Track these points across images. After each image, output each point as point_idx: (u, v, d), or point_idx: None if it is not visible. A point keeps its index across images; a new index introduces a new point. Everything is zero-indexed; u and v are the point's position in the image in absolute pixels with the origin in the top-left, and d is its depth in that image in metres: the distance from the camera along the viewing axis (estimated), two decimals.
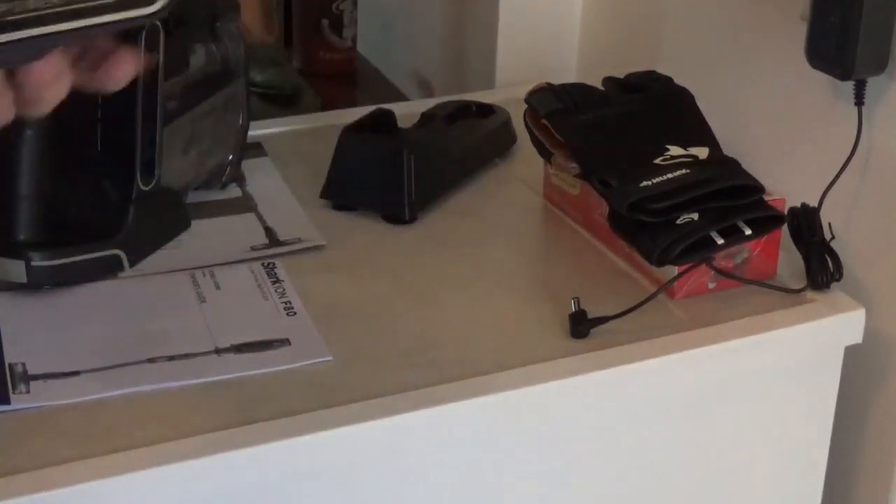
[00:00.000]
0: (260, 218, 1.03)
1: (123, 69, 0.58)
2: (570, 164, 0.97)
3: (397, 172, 1.02)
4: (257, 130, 1.14)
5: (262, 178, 1.09)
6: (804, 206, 0.96)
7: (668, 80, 1.03)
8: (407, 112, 1.13)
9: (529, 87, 1.04)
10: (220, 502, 0.76)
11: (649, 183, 0.90)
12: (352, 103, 1.40)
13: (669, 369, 0.86)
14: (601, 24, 1.35)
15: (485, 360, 0.84)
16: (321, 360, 0.83)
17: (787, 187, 0.98)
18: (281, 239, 0.99)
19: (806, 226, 0.95)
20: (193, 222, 0.98)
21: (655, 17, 1.24)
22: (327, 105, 1.49)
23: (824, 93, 1.00)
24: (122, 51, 0.58)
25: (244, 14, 1.08)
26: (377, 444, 0.79)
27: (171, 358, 0.83)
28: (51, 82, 0.57)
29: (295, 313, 0.88)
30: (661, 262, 0.89)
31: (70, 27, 0.55)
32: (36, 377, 0.80)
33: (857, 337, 0.93)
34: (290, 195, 1.07)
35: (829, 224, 0.95)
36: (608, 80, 1.04)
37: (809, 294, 0.93)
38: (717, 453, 0.93)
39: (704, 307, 0.91)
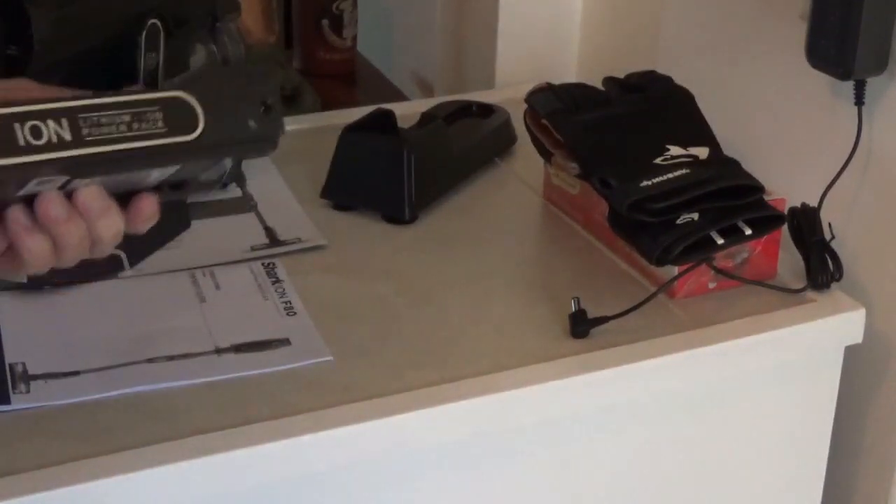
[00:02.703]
0: (260, 218, 1.03)
1: (146, 207, 0.68)
2: (570, 164, 0.97)
3: (397, 172, 1.02)
4: None
5: (262, 178, 1.09)
6: (804, 206, 0.96)
7: (668, 80, 1.03)
8: (407, 112, 1.13)
9: (529, 87, 1.04)
10: (220, 502, 0.76)
11: (649, 183, 0.90)
12: (352, 103, 1.40)
13: (669, 369, 0.86)
14: (601, 24, 1.35)
15: (485, 360, 0.84)
16: (321, 360, 0.83)
17: (787, 187, 0.98)
18: (281, 239, 0.99)
19: (806, 226, 0.95)
20: (193, 222, 0.98)
21: (655, 17, 1.24)
22: (327, 105, 1.48)
23: (824, 93, 1.00)
24: (144, 195, 0.68)
25: (244, 14, 1.07)
26: (377, 444, 0.79)
27: (171, 358, 0.83)
28: (100, 212, 0.66)
29: (295, 313, 0.88)
30: (661, 262, 0.89)
31: (131, 147, 0.65)
32: (36, 377, 0.80)
33: (857, 337, 0.93)
34: (290, 195, 1.07)
35: (829, 224, 0.95)
36: (608, 80, 1.04)
37: (809, 294, 0.93)
38: (718, 453, 0.93)
39: (704, 307, 0.91)
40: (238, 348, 0.84)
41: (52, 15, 0.81)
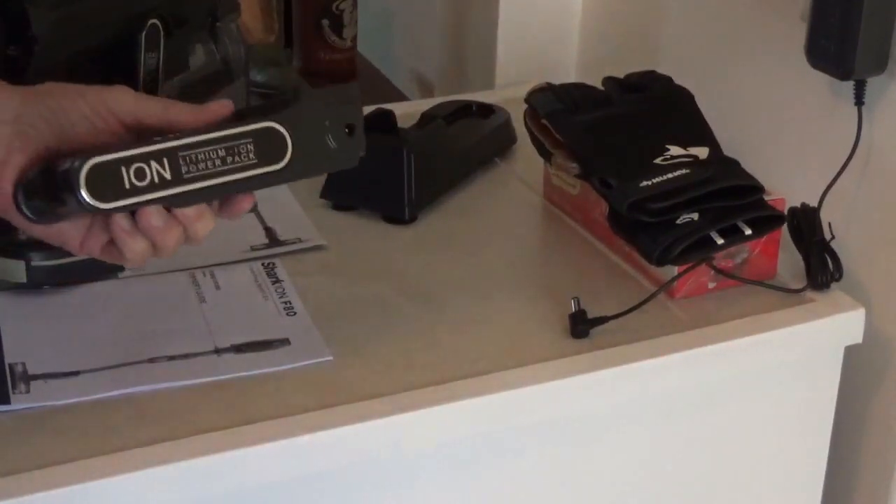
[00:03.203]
0: (260, 218, 1.03)
1: (243, 206, 0.74)
2: (570, 164, 0.97)
3: (397, 172, 1.02)
4: None
5: None
6: (804, 206, 0.96)
7: (668, 80, 1.04)
8: (407, 112, 1.13)
9: (529, 87, 1.04)
10: (220, 502, 0.76)
11: (649, 183, 0.90)
12: None
13: (669, 369, 0.86)
14: (601, 24, 1.35)
15: (485, 360, 0.84)
16: (321, 360, 0.83)
17: (787, 187, 0.98)
18: (281, 239, 0.99)
19: (806, 226, 0.95)
20: None
21: (655, 17, 1.24)
22: None
23: (824, 93, 1.00)
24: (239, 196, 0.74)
25: (244, 14, 1.07)
26: (377, 444, 0.79)
27: (171, 358, 0.83)
28: (196, 217, 0.71)
29: (295, 313, 0.88)
30: (661, 262, 0.89)
31: (226, 181, 0.71)
32: (36, 377, 0.80)
33: (857, 337, 0.93)
34: (290, 195, 1.07)
35: (829, 224, 0.95)
36: (608, 80, 1.04)
37: (809, 294, 0.93)
38: (717, 453, 0.93)
39: (704, 307, 0.91)
40: (238, 348, 0.84)
41: (52, 15, 0.81)
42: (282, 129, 0.73)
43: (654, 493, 0.92)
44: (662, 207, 0.89)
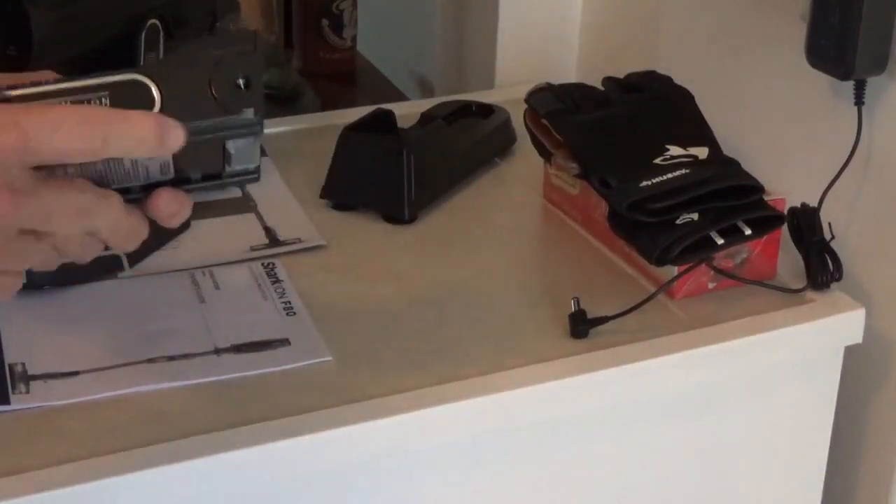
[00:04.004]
0: (260, 218, 1.03)
1: (163, 203, 0.67)
2: (570, 164, 0.97)
3: (397, 172, 1.02)
4: None
5: (262, 178, 1.08)
6: (804, 206, 0.96)
7: (668, 80, 1.03)
8: (407, 112, 1.13)
9: (529, 87, 1.03)
10: (220, 502, 0.76)
11: (649, 183, 0.90)
12: (352, 103, 1.40)
13: (669, 369, 0.86)
14: (601, 24, 1.35)
15: (485, 360, 0.84)
16: (321, 360, 0.83)
17: (787, 187, 0.98)
18: (281, 239, 0.99)
19: (806, 226, 0.95)
20: (193, 222, 0.98)
21: (655, 17, 1.24)
22: (327, 105, 1.49)
23: (824, 93, 1.00)
24: (161, 190, 0.67)
25: (244, 14, 1.07)
26: (377, 444, 0.79)
27: (171, 358, 0.83)
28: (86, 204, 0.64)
29: (295, 313, 0.88)
30: (660, 262, 0.89)
31: None
32: (36, 377, 0.80)
33: (857, 337, 0.93)
34: (290, 195, 1.07)
35: (829, 224, 0.95)
36: (608, 80, 1.04)
37: (809, 294, 0.93)
38: (717, 453, 0.93)
39: (704, 307, 0.91)
40: (238, 348, 0.84)
41: (52, 15, 0.81)
42: (146, 81, 0.63)
43: (653, 494, 0.92)
44: (662, 207, 0.88)
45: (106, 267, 0.90)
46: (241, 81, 0.64)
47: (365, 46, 1.70)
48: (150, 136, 0.61)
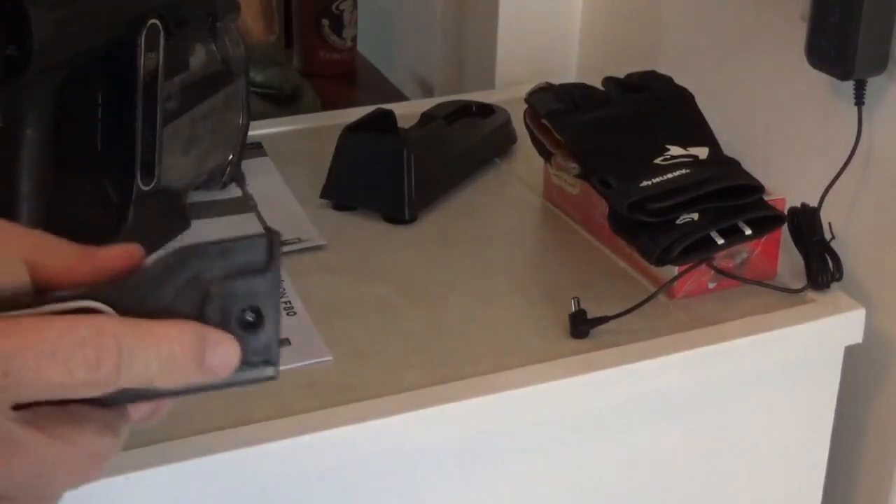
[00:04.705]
0: (260, 218, 1.03)
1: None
2: (570, 164, 0.97)
3: (397, 172, 1.02)
4: (257, 130, 1.14)
5: (262, 178, 1.09)
6: (804, 206, 0.96)
7: (668, 80, 1.04)
8: (407, 112, 1.13)
9: (529, 87, 1.04)
10: (219, 502, 0.76)
11: (649, 183, 0.90)
12: (352, 103, 1.40)
13: (669, 369, 0.86)
14: (601, 24, 1.35)
15: (485, 360, 0.84)
16: (321, 360, 0.83)
17: (787, 187, 0.98)
18: (281, 239, 0.99)
19: (806, 226, 0.95)
20: (193, 222, 0.98)
21: (655, 17, 1.24)
22: (327, 105, 1.49)
23: (824, 93, 1.00)
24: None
25: (244, 14, 1.07)
26: (377, 444, 0.79)
27: None
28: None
29: (295, 313, 0.88)
30: (661, 262, 0.89)
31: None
32: None
33: (857, 337, 0.93)
34: (290, 195, 1.07)
35: (829, 224, 0.95)
36: (608, 80, 1.04)
37: (809, 294, 0.93)
38: (717, 453, 0.93)
39: (704, 307, 0.91)
40: None
41: (52, 15, 0.81)
42: (103, 309, 0.46)
43: (653, 493, 0.92)
44: (662, 207, 0.88)
45: None
46: (248, 318, 0.47)
47: (365, 46, 1.70)
48: (184, 355, 0.46)
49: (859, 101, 0.95)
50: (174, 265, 0.48)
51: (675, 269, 0.90)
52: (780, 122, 1.08)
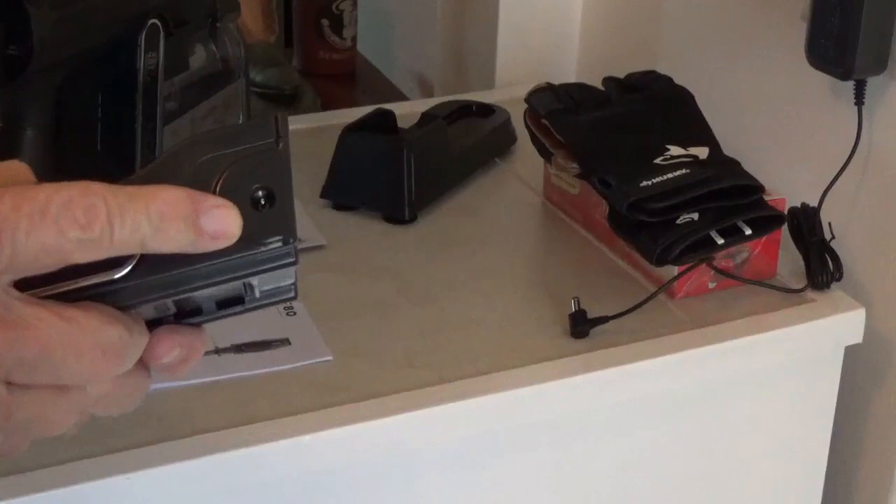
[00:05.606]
0: None
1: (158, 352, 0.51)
2: (570, 164, 0.97)
3: (397, 172, 1.02)
4: None
5: None
6: (804, 206, 0.96)
7: (668, 80, 1.04)
8: (407, 112, 1.13)
9: (529, 87, 1.04)
10: (219, 502, 0.76)
11: (649, 183, 0.90)
12: (352, 103, 1.40)
13: (669, 369, 0.86)
14: (601, 24, 1.35)
15: (485, 360, 0.84)
16: (321, 359, 0.83)
17: (787, 187, 0.98)
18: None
19: (806, 226, 0.95)
20: None
21: (655, 18, 1.24)
22: (327, 105, 1.49)
23: (824, 93, 1.00)
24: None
25: (244, 14, 1.07)
26: (377, 444, 0.79)
27: None
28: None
29: (295, 313, 0.88)
30: (661, 262, 0.89)
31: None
32: None
33: (857, 337, 0.93)
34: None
35: (829, 224, 0.95)
36: (608, 80, 1.04)
37: (809, 294, 0.93)
38: (718, 453, 0.93)
39: (704, 307, 0.91)
40: (238, 348, 0.84)
41: (52, 15, 0.81)
42: None
43: (653, 493, 0.91)
44: (662, 207, 0.88)
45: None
46: (260, 195, 0.46)
47: (365, 46, 1.70)
48: (175, 215, 0.45)
49: (859, 101, 0.95)
50: (182, 153, 0.47)
51: (675, 269, 0.90)
52: (780, 121, 1.08)
